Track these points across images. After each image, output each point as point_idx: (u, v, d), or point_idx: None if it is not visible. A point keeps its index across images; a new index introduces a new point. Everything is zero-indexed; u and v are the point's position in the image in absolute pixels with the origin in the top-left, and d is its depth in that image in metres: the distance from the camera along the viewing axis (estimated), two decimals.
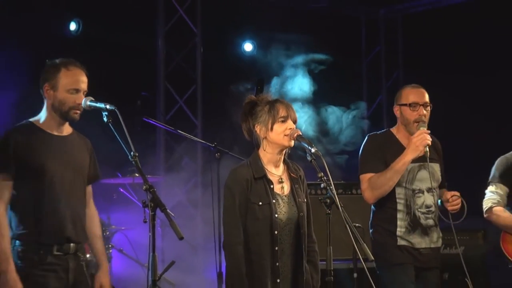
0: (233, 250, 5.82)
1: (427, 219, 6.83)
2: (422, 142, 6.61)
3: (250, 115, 5.97)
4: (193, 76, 10.86)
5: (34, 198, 5.72)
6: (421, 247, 6.80)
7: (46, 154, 5.75)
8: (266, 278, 5.80)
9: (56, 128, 5.84)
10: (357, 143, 10.07)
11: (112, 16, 10.30)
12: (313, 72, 9.35)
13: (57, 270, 5.69)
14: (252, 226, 5.83)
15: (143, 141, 8.97)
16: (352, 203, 8.64)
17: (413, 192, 6.81)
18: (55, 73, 5.80)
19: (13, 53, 8.52)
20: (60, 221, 5.73)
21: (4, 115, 8.41)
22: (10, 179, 5.68)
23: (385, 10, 12.95)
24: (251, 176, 5.87)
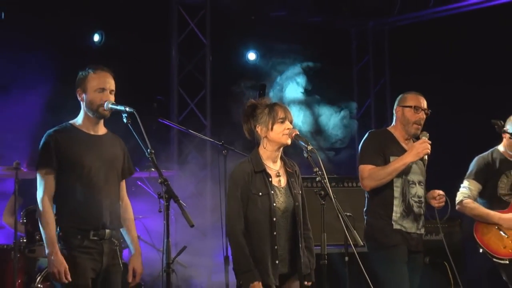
0: (236, 235, 5.87)
1: (418, 208, 6.89)
2: (424, 150, 6.73)
3: (251, 117, 6.03)
4: (203, 82, 10.86)
5: (73, 190, 5.74)
6: (412, 231, 6.84)
7: (83, 151, 5.79)
8: (266, 259, 5.84)
9: (92, 128, 5.88)
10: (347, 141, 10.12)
11: (131, 29, 10.30)
12: (309, 78, 9.35)
13: (93, 253, 5.72)
14: (253, 214, 5.88)
15: (158, 140, 8.97)
16: (344, 195, 8.65)
17: (408, 183, 6.85)
18: (84, 78, 5.84)
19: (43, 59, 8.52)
20: (96, 209, 5.75)
21: (35, 113, 8.42)
22: (53, 173, 5.72)
23: (373, 23, 12.94)
24: (252, 170, 5.92)
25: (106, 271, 5.80)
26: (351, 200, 8.63)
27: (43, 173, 5.72)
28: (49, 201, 5.69)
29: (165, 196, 5.53)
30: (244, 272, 5.80)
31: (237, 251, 5.86)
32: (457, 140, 7.13)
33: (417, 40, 12.24)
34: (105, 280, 5.81)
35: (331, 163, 9.77)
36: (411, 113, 6.88)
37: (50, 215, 5.66)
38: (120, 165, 6.02)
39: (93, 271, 5.72)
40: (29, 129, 8.44)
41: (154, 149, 5.62)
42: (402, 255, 6.81)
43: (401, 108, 6.96)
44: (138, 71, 9.58)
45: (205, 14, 10.88)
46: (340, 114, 9.39)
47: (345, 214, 5.94)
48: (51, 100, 8.47)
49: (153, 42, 10.56)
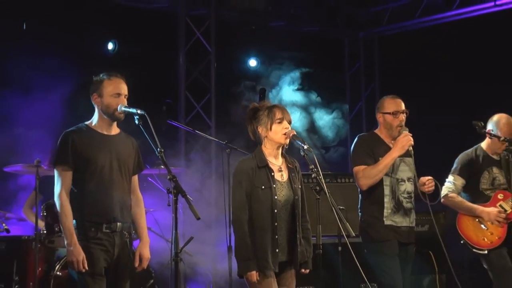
0: (240, 225, 5.89)
1: (408, 203, 6.87)
2: (408, 142, 6.72)
3: (253, 119, 6.07)
4: (208, 87, 10.84)
5: (87, 186, 5.73)
6: (402, 225, 6.83)
7: (97, 150, 5.78)
8: (267, 248, 5.85)
9: (106, 128, 5.87)
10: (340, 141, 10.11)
11: (142, 38, 10.31)
12: (305, 83, 9.34)
13: (105, 244, 5.71)
14: (256, 206, 5.90)
15: (167, 139, 8.95)
16: (337, 190, 8.64)
17: (397, 181, 6.84)
18: (100, 83, 5.84)
19: (62, 65, 8.52)
20: (109, 204, 5.75)
21: (54, 113, 8.42)
22: (70, 170, 5.71)
23: (364, 33, 12.93)
24: (255, 165, 5.95)
25: (117, 261, 5.79)
26: (344, 194, 8.64)
27: (60, 170, 5.72)
28: (66, 195, 5.69)
29: (173, 191, 5.59)
30: (244, 260, 5.84)
31: (240, 239, 5.89)
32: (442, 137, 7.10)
33: (404, 48, 12.24)
34: (116, 269, 5.80)
35: (325, 161, 9.76)
36: (391, 118, 6.87)
37: (68, 208, 5.65)
38: (132, 162, 6.00)
39: (106, 261, 5.72)
40: (49, 128, 8.43)
41: (163, 148, 5.65)
42: (393, 249, 6.80)
43: (381, 114, 6.94)
44: (149, 77, 9.56)
45: (210, 24, 10.87)
46: (334, 115, 9.38)
47: (338, 207, 5.98)
48: (70, 101, 8.46)
49: (162, 50, 10.57)
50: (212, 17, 10.85)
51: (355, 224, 6.80)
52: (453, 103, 10.43)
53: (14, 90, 8.44)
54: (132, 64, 9.32)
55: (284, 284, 6.02)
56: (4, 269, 8.32)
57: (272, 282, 5.87)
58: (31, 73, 8.72)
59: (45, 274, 8.08)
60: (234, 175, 6.04)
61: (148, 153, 6.11)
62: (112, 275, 5.78)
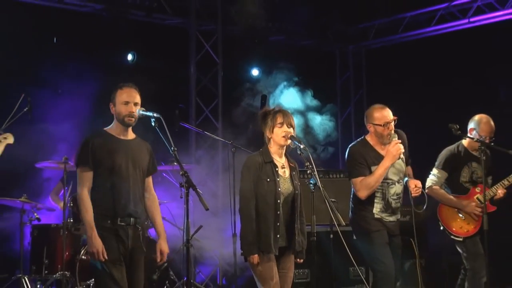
0: (247, 212, 5.91)
1: (396, 203, 6.77)
2: (398, 151, 6.54)
3: (263, 123, 6.13)
4: (216, 93, 10.82)
5: (105, 185, 5.72)
6: (389, 220, 6.74)
7: (114, 153, 5.76)
8: (270, 233, 5.88)
9: (122, 133, 5.84)
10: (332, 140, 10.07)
11: (158, 50, 10.30)
12: (301, 90, 9.31)
13: (121, 236, 5.69)
14: (262, 196, 5.93)
15: (179, 139, 8.92)
16: (330, 184, 8.58)
17: (388, 184, 6.70)
18: (114, 94, 5.84)
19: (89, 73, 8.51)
20: (123, 201, 5.73)
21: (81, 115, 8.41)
22: (90, 170, 5.69)
23: (353, 46, 12.91)
24: (262, 160, 6.00)
25: (131, 251, 5.77)
26: (335, 188, 8.58)
27: (81, 170, 5.72)
28: (87, 193, 5.68)
29: (185, 185, 5.61)
30: (248, 244, 5.85)
31: (246, 224, 5.90)
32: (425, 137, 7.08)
33: (388, 60, 12.25)
34: (131, 259, 5.78)
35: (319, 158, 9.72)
36: (381, 129, 6.66)
37: (88, 204, 5.66)
38: (146, 164, 5.96)
39: (122, 251, 5.71)
40: (75, 127, 8.43)
41: (176, 147, 5.66)
42: (384, 238, 6.70)
43: (372, 125, 6.73)
44: (164, 84, 9.54)
45: (217, 38, 10.85)
46: (326, 118, 9.34)
47: (330, 199, 5.99)
48: (94, 104, 8.42)
49: (176, 61, 10.57)
50: (219, 32, 10.83)
51: (345, 215, 6.75)
52: (430, 106, 10.42)
53: (46, 94, 8.44)
54: (149, 73, 9.28)
55: (284, 267, 6.04)
56: (36, 253, 8.33)
57: (273, 265, 5.89)
58: (61, 79, 8.73)
59: (72, 258, 8.06)
60: (243, 168, 6.05)
61: (163, 151, 6.09)
62: (128, 265, 5.76)
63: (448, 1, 11.10)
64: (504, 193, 7.38)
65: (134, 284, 5.82)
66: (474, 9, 10.89)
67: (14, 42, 9.04)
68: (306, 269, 8.35)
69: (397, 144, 6.55)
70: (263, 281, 5.87)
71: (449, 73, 10.87)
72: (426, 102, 10.36)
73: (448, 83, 10.71)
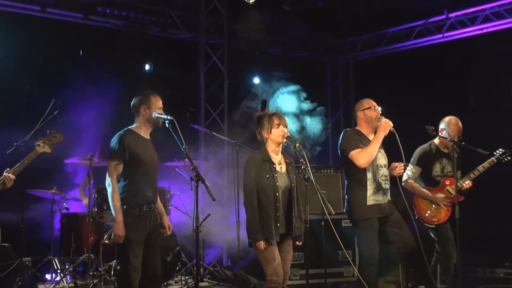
0: (251, 205, 5.91)
1: (385, 184, 6.72)
2: (388, 124, 6.60)
3: (258, 125, 6.12)
4: (222, 99, 10.81)
5: (134, 177, 5.76)
6: (383, 202, 6.69)
7: (142, 149, 5.81)
8: (271, 222, 5.89)
9: (145, 133, 5.91)
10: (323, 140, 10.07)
11: (172, 61, 10.31)
12: (297, 96, 9.32)
13: (146, 219, 5.76)
14: (262, 190, 5.93)
15: (190, 139, 8.92)
16: (321, 178, 8.58)
17: (377, 167, 6.69)
18: (149, 99, 5.88)
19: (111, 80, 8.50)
20: (147, 191, 5.79)
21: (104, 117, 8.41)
22: (122, 164, 5.72)
23: (342, 58, 12.91)
24: (261, 159, 5.99)
25: (152, 231, 5.82)
26: (326, 182, 8.60)
27: (115, 164, 5.72)
28: (116, 182, 5.71)
29: (195, 179, 5.65)
30: (254, 233, 5.86)
31: (251, 215, 5.91)
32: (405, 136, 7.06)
33: (373, 70, 12.23)
34: (150, 238, 5.82)
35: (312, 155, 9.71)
36: (370, 111, 6.72)
37: (117, 193, 5.68)
38: (156, 160, 6.03)
39: (145, 232, 5.76)
40: (99, 128, 8.44)
41: (187, 145, 5.69)
42: (374, 226, 6.65)
43: (362, 112, 6.77)
44: (176, 91, 9.53)
45: (224, 51, 10.83)
46: (318, 121, 9.34)
47: (322, 192, 6.01)
48: (115, 108, 8.42)
49: (187, 70, 10.55)
50: (225, 45, 10.82)
51: (334, 204, 6.72)
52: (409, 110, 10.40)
53: (73, 99, 8.44)
54: (164, 80, 9.30)
55: (284, 251, 6.04)
56: (64, 238, 8.35)
57: (275, 249, 5.91)
58: (86, 86, 8.73)
59: (96, 242, 8.08)
60: (245, 166, 6.04)
61: (175, 149, 6.09)
62: (149, 242, 5.81)
63: (425, 18, 11.11)
64: (471, 184, 7.39)
65: (154, 259, 5.89)
66: (448, 26, 10.92)
67: (46, 54, 9.07)
68: (300, 252, 8.34)
69: (387, 120, 6.62)
70: (267, 263, 5.88)
71: (426, 82, 10.86)
72: (406, 106, 10.34)
73: (424, 90, 10.70)
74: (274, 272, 5.87)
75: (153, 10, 10.27)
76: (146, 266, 5.79)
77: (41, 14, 9.19)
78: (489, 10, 10.32)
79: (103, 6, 9.74)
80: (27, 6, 9.06)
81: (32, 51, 8.95)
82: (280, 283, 5.89)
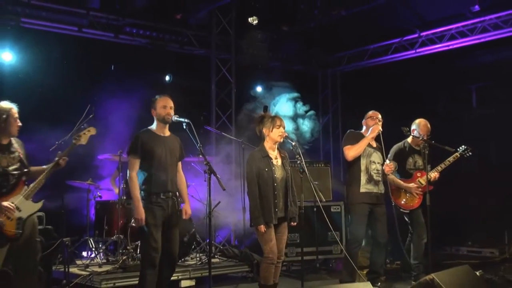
0: (253, 194, 5.90)
1: (377, 176, 6.91)
2: (377, 128, 6.94)
3: (260, 123, 6.13)
4: (230, 104, 10.80)
5: (151, 169, 5.73)
6: (373, 191, 6.85)
7: (156, 145, 5.78)
8: (270, 208, 5.89)
9: (161, 131, 5.88)
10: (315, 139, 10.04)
11: (188, 72, 10.31)
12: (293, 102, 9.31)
13: (163, 206, 5.71)
14: (263, 182, 5.92)
15: (204, 138, 8.93)
16: (313, 171, 8.61)
17: (370, 162, 6.89)
18: (154, 102, 5.88)
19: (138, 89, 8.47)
20: (164, 181, 5.75)
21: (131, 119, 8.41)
22: (138, 159, 5.71)
23: (331, 70, 12.89)
24: (261, 156, 5.99)
25: (170, 216, 5.80)
26: (317, 174, 8.60)
27: (132, 159, 5.73)
28: (135, 175, 5.69)
29: (208, 171, 5.64)
30: (256, 218, 5.85)
31: (253, 203, 5.90)
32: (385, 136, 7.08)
33: (356, 80, 12.22)
34: (169, 221, 5.81)
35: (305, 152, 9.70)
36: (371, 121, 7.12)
37: (136, 184, 5.67)
38: (177, 153, 5.99)
39: (163, 216, 5.74)
40: (127, 128, 8.42)
41: (201, 144, 5.69)
42: (364, 210, 6.86)
43: (365, 120, 7.16)
44: (192, 98, 9.54)
45: (231, 64, 10.82)
46: (311, 123, 9.33)
47: (315, 182, 6.09)
48: (140, 112, 8.39)
49: (201, 80, 10.55)
50: (233, 60, 10.81)
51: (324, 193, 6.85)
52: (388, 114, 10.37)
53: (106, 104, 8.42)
54: (182, 89, 9.28)
55: (279, 232, 6.04)
56: (98, 221, 8.35)
57: (272, 231, 5.91)
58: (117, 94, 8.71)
59: (125, 225, 8.07)
60: (248, 161, 6.04)
61: (192, 147, 6.09)
62: (167, 225, 5.78)
63: (400, 36, 11.09)
64: (438, 176, 7.38)
65: (172, 239, 5.87)
66: (420, 43, 10.89)
67: (83, 67, 9.07)
68: (296, 233, 8.34)
69: (377, 125, 6.94)
70: (265, 242, 5.89)
71: (401, 90, 10.84)
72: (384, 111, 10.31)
73: (401, 97, 10.69)
74: (271, 251, 5.88)
75: (172, 30, 10.26)
76: (166, 246, 5.78)
77: (78, 33, 9.20)
78: (454, 29, 10.30)
79: (130, 27, 9.74)
80: (67, 27, 9.08)
81: (72, 64, 8.95)
82: (275, 259, 5.91)
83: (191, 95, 9.59)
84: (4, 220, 5.14)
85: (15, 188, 5.32)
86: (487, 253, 9.62)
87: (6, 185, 5.29)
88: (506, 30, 9.57)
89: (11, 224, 5.14)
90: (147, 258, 5.68)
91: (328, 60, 12.70)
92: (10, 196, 5.25)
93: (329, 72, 12.93)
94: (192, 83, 10.09)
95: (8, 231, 5.15)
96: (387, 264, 7.78)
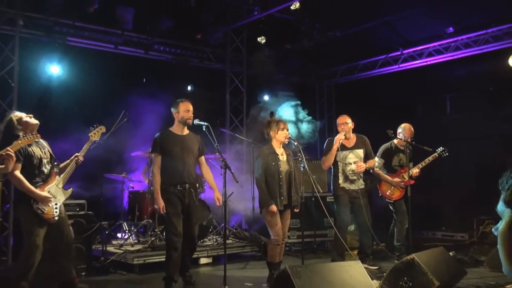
0: (261, 184, 5.91)
1: (352, 176, 6.88)
2: (339, 138, 6.87)
3: (267, 127, 6.10)
4: (242, 110, 10.75)
5: (169, 164, 5.73)
6: (350, 188, 6.86)
7: (173, 144, 5.77)
8: (276, 196, 5.89)
9: (180, 131, 5.88)
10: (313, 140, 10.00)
11: (207, 84, 10.28)
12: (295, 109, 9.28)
13: (179, 196, 5.70)
14: (270, 174, 5.93)
15: (220, 139, 8.91)
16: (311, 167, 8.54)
17: (345, 164, 6.83)
18: (177, 105, 5.89)
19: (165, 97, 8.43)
20: (181, 174, 5.74)
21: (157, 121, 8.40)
22: (159, 156, 5.73)
23: (327, 82, 12.82)
24: (269, 152, 6.00)
25: (188, 206, 5.80)
26: (315, 169, 8.52)
27: (154, 156, 5.76)
28: (157, 170, 5.71)
29: (224, 167, 5.62)
30: (266, 201, 5.85)
31: (261, 192, 5.92)
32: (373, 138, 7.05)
33: (349, 90, 12.15)
34: (188, 211, 5.81)
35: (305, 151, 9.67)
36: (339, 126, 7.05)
37: (157, 177, 5.69)
38: (197, 149, 5.94)
39: (181, 206, 5.72)
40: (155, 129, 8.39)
41: (218, 143, 5.68)
42: (344, 200, 6.87)
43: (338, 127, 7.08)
44: (210, 105, 9.48)
45: (243, 76, 10.78)
46: (310, 127, 9.30)
47: (313, 176, 6.06)
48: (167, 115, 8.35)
49: (217, 90, 10.51)
50: (244, 73, 10.77)
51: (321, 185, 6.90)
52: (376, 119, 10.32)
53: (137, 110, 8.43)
54: (201, 98, 9.21)
55: (283, 217, 6.06)
56: (131, 208, 8.35)
57: (278, 216, 5.92)
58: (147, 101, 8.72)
59: (153, 211, 8.08)
60: (258, 156, 6.04)
61: (210, 146, 6.09)
62: (186, 215, 5.77)
63: (385, 53, 11.04)
64: (419, 172, 7.34)
65: (192, 225, 5.85)
66: (402, 59, 10.82)
67: (118, 79, 9.09)
68: (297, 219, 8.32)
69: (340, 134, 6.87)
70: (271, 226, 5.89)
71: (387, 99, 10.81)
72: (373, 116, 10.28)
73: (386, 105, 10.65)
74: (277, 234, 5.87)
75: (194, 47, 10.25)
76: (186, 231, 5.78)
77: (114, 50, 9.21)
78: (432, 48, 10.25)
79: (158, 45, 9.74)
80: (105, 45, 9.08)
81: (109, 76, 8.96)
82: (280, 241, 5.92)
83: (209, 103, 9.57)
84: (46, 207, 5.13)
85: (50, 178, 5.27)
86: (459, 237, 9.58)
87: (42, 176, 5.17)
88: (476, 48, 9.56)
89: (50, 210, 5.12)
90: (170, 242, 5.68)
91: (324, 73, 12.65)
92: (45, 184, 5.18)
93: (325, 84, 12.88)
94: (210, 92, 10.09)
95: (49, 216, 5.11)
96: (374, 246, 7.74)
